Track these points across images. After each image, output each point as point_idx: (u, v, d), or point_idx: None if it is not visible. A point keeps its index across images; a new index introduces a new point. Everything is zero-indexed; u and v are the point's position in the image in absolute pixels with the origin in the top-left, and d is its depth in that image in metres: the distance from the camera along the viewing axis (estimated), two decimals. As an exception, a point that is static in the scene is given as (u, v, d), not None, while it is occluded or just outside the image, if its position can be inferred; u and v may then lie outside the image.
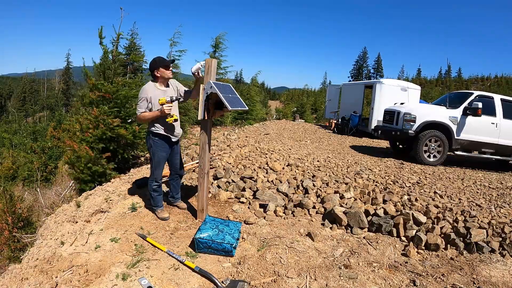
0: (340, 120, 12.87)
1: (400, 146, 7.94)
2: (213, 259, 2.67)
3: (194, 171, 4.76)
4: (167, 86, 3.22)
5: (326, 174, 4.59)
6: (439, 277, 2.44)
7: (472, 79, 68.01)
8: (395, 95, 10.65)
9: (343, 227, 3.32)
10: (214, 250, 2.70)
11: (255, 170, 4.52)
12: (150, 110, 3.07)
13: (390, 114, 7.43)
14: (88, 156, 4.76)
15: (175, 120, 3.15)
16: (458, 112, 6.58)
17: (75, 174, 5.08)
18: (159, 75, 3.11)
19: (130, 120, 5.58)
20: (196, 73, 3.05)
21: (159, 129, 3.16)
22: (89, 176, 4.86)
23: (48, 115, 30.20)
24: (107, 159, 5.06)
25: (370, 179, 4.50)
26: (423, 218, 3.20)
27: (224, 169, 4.51)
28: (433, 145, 6.52)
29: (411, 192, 3.99)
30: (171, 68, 3.22)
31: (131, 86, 5.73)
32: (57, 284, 2.39)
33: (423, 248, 2.94)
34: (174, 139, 3.30)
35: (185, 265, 2.52)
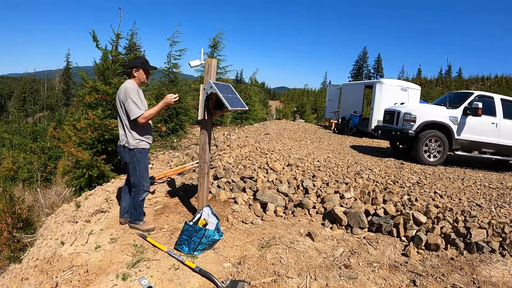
0: (340, 120, 12.88)
1: (400, 146, 7.94)
2: (213, 259, 2.67)
3: (194, 171, 4.76)
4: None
5: (326, 174, 4.59)
6: (439, 277, 2.44)
7: (472, 79, 67.94)
8: (395, 95, 10.65)
9: (343, 227, 3.32)
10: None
11: (255, 170, 4.52)
12: None
13: (390, 114, 7.43)
14: (86, 160, 4.75)
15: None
16: (458, 112, 6.58)
17: (69, 183, 5.09)
18: (136, 75, 2.97)
19: None
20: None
21: (147, 139, 3.04)
22: (84, 182, 4.83)
23: (48, 115, 30.13)
24: (105, 161, 5.04)
25: (370, 179, 4.50)
26: (423, 218, 3.20)
27: (224, 169, 4.51)
28: (433, 145, 6.52)
29: (411, 192, 3.99)
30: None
31: None
32: (57, 284, 2.39)
33: (423, 248, 2.94)
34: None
35: (185, 265, 2.52)
